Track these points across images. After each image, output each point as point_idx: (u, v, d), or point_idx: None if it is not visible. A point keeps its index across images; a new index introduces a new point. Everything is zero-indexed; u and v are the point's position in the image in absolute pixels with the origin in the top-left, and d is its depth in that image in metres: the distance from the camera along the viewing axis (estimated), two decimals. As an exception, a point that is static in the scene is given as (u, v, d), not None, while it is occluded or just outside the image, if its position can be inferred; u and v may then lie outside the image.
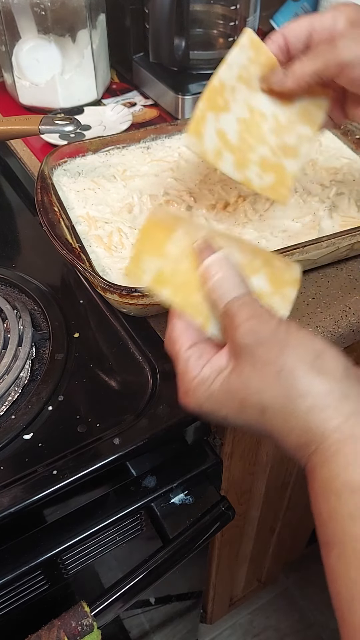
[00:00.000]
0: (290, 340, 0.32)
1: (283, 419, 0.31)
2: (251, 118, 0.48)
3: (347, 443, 0.30)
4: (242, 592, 1.07)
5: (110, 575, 0.57)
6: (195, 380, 0.34)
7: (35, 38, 0.78)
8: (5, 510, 0.40)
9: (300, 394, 0.31)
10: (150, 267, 0.37)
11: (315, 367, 0.31)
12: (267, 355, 0.32)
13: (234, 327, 0.33)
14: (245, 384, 0.32)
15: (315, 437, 0.31)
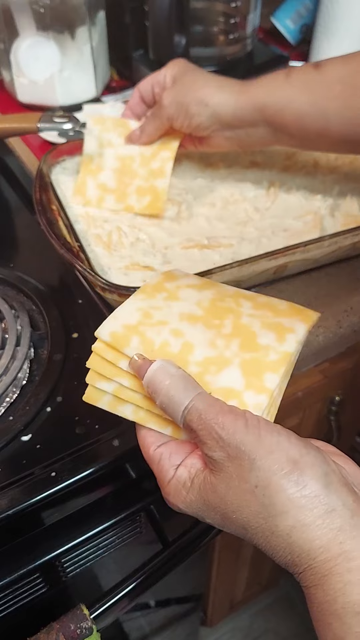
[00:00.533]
0: (260, 449, 0.29)
1: (265, 538, 0.29)
2: (122, 164, 0.61)
3: (338, 561, 0.27)
4: (242, 595, 1.06)
5: (110, 578, 0.57)
6: (171, 484, 0.32)
7: (34, 35, 0.77)
8: (3, 512, 0.40)
9: (278, 512, 0.28)
10: (108, 388, 0.36)
11: (292, 479, 0.28)
12: (239, 470, 0.29)
13: (200, 442, 0.31)
14: (223, 500, 0.30)
15: (302, 558, 0.28)
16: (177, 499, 0.32)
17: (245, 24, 0.81)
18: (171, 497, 0.32)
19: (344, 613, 0.27)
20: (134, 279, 0.52)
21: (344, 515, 0.28)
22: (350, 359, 0.64)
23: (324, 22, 0.86)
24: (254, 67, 0.84)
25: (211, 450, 0.30)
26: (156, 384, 0.32)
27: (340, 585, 0.27)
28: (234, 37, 0.81)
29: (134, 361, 0.34)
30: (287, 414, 0.61)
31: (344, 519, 0.28)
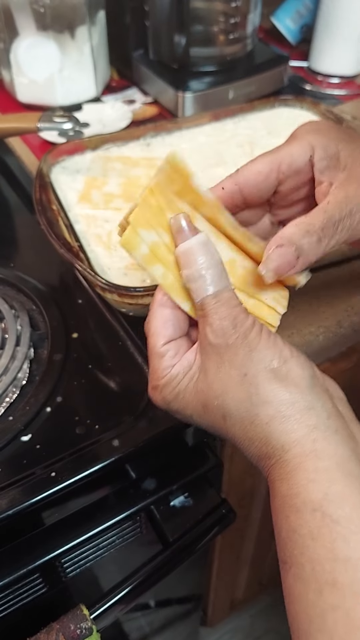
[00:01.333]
0: (258, 344, 0.31)
1: (243, 427, 0.30)
2: (127, 180, 0.55)
3: (308, 458, 0.28)
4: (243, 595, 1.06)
5: (110, 578, 0.57)
6: (165, 378, 0.33)
7: (34, 35, 0.77)
8: (3, 512, 0.39)
9: (262, 401, 0.30)
10: (147, 239, 0.33)
11: (280, 374, 0.30)
12: (233, 358, 0.30)
13: (207, 324, 0.32)
14: (209, 385, 0.31)
15: (276, 449, 0.29)
16: (166, 391, 0.33)
17: (245, 23, 0.81)
18: (159, 390, 0.33)
19: (303, 508, 0.27)
20: (134, 279, 0.52)
21: (321, 415, 0.29)
22: (350, 358, 0.64)
23: (324, 22, 0.86)
24: (254, 66, 0.84)
25: (214, 335, 0.31)
26: (192, 256, 0.32)
27: (304, 482, 0.28)
28: (234, 37, 0.81)
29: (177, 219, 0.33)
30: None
31: (320, 418, 0.29)
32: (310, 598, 0.26)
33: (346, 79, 0.92)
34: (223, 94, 0.80)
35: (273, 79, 0.85)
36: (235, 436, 0.31)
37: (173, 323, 0.34)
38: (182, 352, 0.34)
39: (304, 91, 0.90)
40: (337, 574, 0.26)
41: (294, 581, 0.27)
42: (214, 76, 0.80)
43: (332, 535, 0.26)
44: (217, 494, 0.52)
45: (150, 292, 0.46)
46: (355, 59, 0.89)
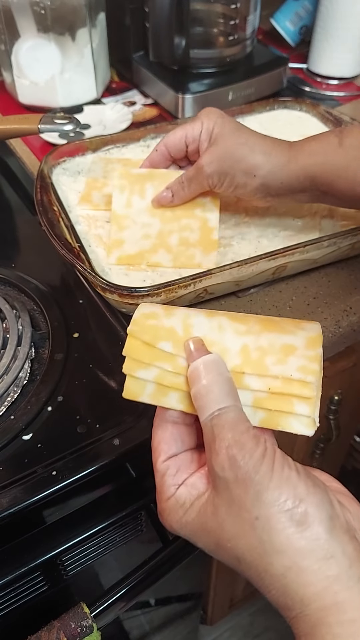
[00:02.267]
0: (270, 482, 0.28)
1: (258, 575, 0.28)
2: None
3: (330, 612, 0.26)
4: (242, 594, 1.06)
5: (110, 576, 0.57)
6: (170, 502, 0.31)
7: (35, 37, 0.77)
8: (5, 511, 0.40)
9: (276, 550, 0.27)
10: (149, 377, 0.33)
11: (295, 518, 0.27)
12: (243, 496, 0.28)
13: (214, 452, 0.29)
14: (220, 526, 0.29)
15: (295, 602, 0.27)
16: (172, 518, 0.31)
17: (244, 25, 0.81)
18: (166, 515, 0.31)
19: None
20: (135, 280, 0.52)
21: (342, 563, 0.27)
22: (349, 358, 0.65)
23: (323, 24, 0.86)
24: (254, 68, 0.84)
25: (221, 468, 0.29)
26: (203, 373, 0.31)
27: (329, 638, 0.26)
28: (233, 39, 0.81)
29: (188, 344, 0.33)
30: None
31: (341, 567, 0.27)
32: None
33: (345, 80, 0.92)
34: (223, 96, 0.81)
35: (272, 80, 0.85)
36: (252, 580, 0.29)
37: (174, 438, 0.33)
38: (184, 469, 0.32)
39: (303, 93, 0.90)
40: None
41: None
42: (214, 78, 0.81)
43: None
44: (217, 492, 0.52)
45: (150, 293, 0.46)
46: (354, 60, 0.89)
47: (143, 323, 0.34)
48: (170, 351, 0.33)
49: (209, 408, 0.30)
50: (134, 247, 0.54)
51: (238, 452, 0.28)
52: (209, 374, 0.31)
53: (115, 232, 0.55)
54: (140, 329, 0.34)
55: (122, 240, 0.55)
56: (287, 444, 0.69)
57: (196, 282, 0.48)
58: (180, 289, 0.47)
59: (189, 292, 0.49)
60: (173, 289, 0.47)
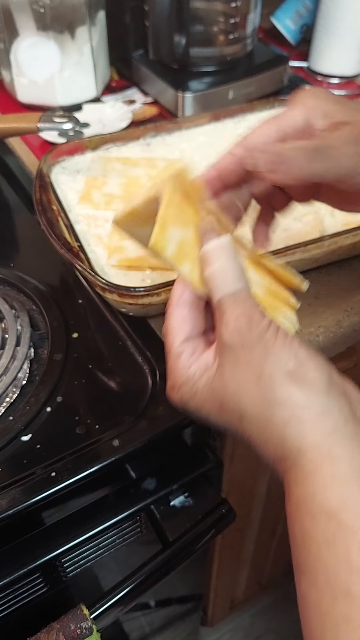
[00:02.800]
0: (274, 345, 0.30)
1: (258, 429, 0.30)
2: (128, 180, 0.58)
3: (324, 463, 0.28)
4: (243, 595, 1.06)
5: (110, 578, 0.57)
6: (182, 378, 0.33)
7: (34, 35, 0.77)
8: (4, 512, 0.40)
9: (277, 403, 0.29)
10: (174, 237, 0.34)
11: (296, 376, 0.30)
12: (249, 358, 0.30)
13: (223, 324, 0.32)
14: (225, 386, 0.31)
15: (291, 452, 0.29)
16: (183, 391, 0.33)
17: (245, 23, 0.81)
18: (177, 391, 0.34)
19: (317, 512, 0.27)
20: (134, 279, 0.52)
21: (338, 420, 0.29)
22: (350, 358, 0.64)
23: (324, 22, 0.86)
24: (254, 67, 0.84)
25: (229, 335, 0.31)
26: (215, 256, 0.33)
27: (320, 487, 0.28)
28: (234, 37, 0.81)
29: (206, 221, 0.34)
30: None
31: (337, 423, 0.29)
32: (324, 607, 0.26)
33: (346, 79, 0.92)
34: (223, 94, 0.80)
35: (273, 79, 0.85)
36: (252, 437, 0.31)
37: (190, 322, 0.34)
38: (199, 352, 0.34)
39: (303, 91, 0.90)
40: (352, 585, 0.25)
41: (308, 588, 0.27)
42: (214, 76, 0.81)
43: (347, 544, 0.26)
44: (217, 493, 0.52)
45: (150, 292, 0.46)
46: (355, 59, 0.89)
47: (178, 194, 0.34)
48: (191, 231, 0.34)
49: (221, 289, 0.32)
50: (135, 252, 0.54)
51: (246, 322, 0.31)
52: (221, 258, 0.33)
53: (117, 240, 0.55)
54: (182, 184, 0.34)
55: (123, 247, 0.54)
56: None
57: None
58: (180, 288, 0.47)
59: (189, 291, 0.48)
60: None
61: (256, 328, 0.31)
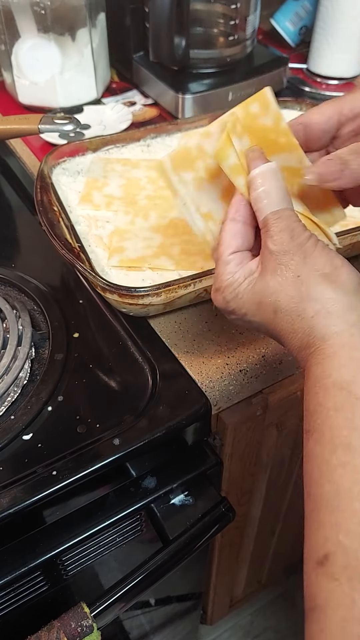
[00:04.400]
0: (314, 252, 0.34)
1: (290, 320, 0.34)
2: (128, 182, 0.61)
3: (344, 348, 0.32)
4: (242, 594, 1.06)
5: (110, 576, 0.57)
6: (227, 281, 0.37)
7: (35, 37, 0.77)
8: (5, 510, 0.40)
9: (310, 298, 0.33)
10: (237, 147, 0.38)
11: (330, 278, 0.34)
12: (289, 261, 0.34)
13: (268, 236, 0.35)
14: (265, 285, 0.35)
15: (316, 339, 0.33)
16: (227, 292, 0.37)
17: (245, 25, 0.81)
18: (220, 291, 0.38)
19: (331, 385, 0.31)
20: (134, 279, 0.53)
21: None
22: None
23: (323, 24, 0.86)
24: (254, 68, 0.84)
25: (273, 244, 0.35)
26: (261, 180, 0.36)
27: (337, 366, 0.31)
28: (233, 39, 0.81)
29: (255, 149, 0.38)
30: (287, 413, 0.61)
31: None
32: (325, 456, 0.30)
33: (345, 80, 0.92)
34: (223, 96, 0.81)
35: (272, 80, 0.85)
36: (282, 329, 0.35)
37: (241, 236, 0.38)
38: (245, 262, 0.37)
39: (303, 93, 0.90)
40: (352, 439, 0.29)
41: (314, 445, 0.31)
42: (214, 78, 0.81)
43: (353, 409, 0.30)
44: (217, 492, 0.52)
45: (150, 293, 0.46)
46: (354, 61, 0.89)
47: None
48: None
49: (267, 209, 0.36)
50: (135, 254, 0.54)
51: (290, 232, 0.35)
52: (267, 181, 0.36)
53: (117, 241, 0.55)
54: None
55: (124, 248, 0.55)
56: (289, 442, 0.69)
57: (196, 282, 0.48)
58: (180, 289, 0.47)
59: (189, 292, 0.49)
60: (173, 289, 0.47)
61: (298, 238, 0.35)
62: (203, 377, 0.49)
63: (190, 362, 0.50)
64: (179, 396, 0.47)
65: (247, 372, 0.51)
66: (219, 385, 0.49)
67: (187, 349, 0.51)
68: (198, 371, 0.50)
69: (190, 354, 0.51)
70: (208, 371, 0.50)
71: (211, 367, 0.50)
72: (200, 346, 0.52)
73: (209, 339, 0.52)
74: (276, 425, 0.63)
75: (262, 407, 0.56)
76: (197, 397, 0.47)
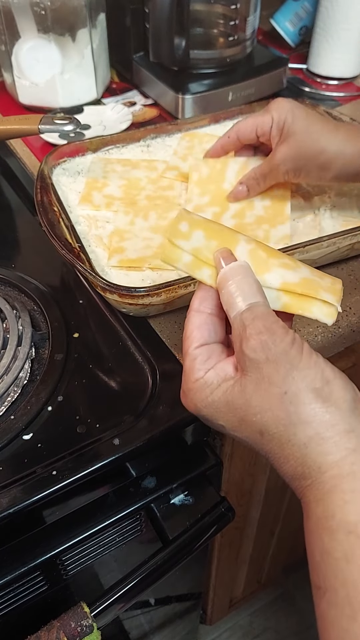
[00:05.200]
0: (300, 363, 0.30)
1: (280, 445, 0.30)
2: (128, 182, 0.63)
3: (345, 480, 0.28)
4: (242, 594, 1.07)
5: (110, 576, 0.57)
6: (198, 383, 0.33)
7: (35, 37, 0.77)
8: (5, 510, 0.40)
9: (301, 421, 0.29)
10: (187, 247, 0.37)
11: (321, 395, 0.30)
12: (274, 374, 0.30)
13: (245, 338, 0.31)
14: (247, 402, 0.31)
15: (312, 470, 0.29)
16: (198, 397, 0.33)
17: (244, 26, 0.81)
18: (192, 395, 0.33)
19: (337, 529, 0.27)
20: (134, 279, 0.53)
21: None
22: (348, 359, 0.65)
23: (323, 24, 0.87)
24: (254, 69, 0.84)
25: (252, 350, 0.31)
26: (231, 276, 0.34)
27: (341, 503, 0.27)
28: (233, 39, 0.81)
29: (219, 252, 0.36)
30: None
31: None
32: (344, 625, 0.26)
33: (345, 80, 0.92)
34: (223, 96, 0.81)
35: (272, 81, 0.85)
36: (272, 452, 0.31)
37: (207, 328, 0.35)
38: (215, 357, 0.34)
39: (303, 93, 0.90)
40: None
41: (328, 607, 0.27)
42: (214, 78, 0.81)
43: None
44: (217, 492, 0.52)
45: (150, 293, 0.46)
46: (354, 61, 0.90)
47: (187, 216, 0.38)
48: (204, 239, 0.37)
49: (238, 305, 0.33)
50: (135, 254, 0.54)
51: (269, 337, 0.31)
52: (236, 276, 0.34)
53: (117, 241, 0.56)
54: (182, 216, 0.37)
55: (124, 248, 0.55)
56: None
57: (196, 282, 0.48)
58: (180, 289, 0.47)
59: (189, 292, 0.49)
60: (173, 289, 0.47)
61: (280, 343, 0.31)
62: (203, 377, 0.49)
63: (190, 362, 0.50)
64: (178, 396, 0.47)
65: (246, 372, 0.50)
66: (219, 385, 0.49)
67: (187, 349, 0.51)
68: (198, 371, 0.50)
69: (190, 354, 0.51)
70: (208, 371, 0.50)
71: (211, 367, 0.50)
72: (200, 346, 0.52)
73: (209, 339, 0.52)
74: (276, 425, 0.63)
75: (262, 407, 0.56)
76: (197, 397, 0.47)
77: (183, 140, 0.68)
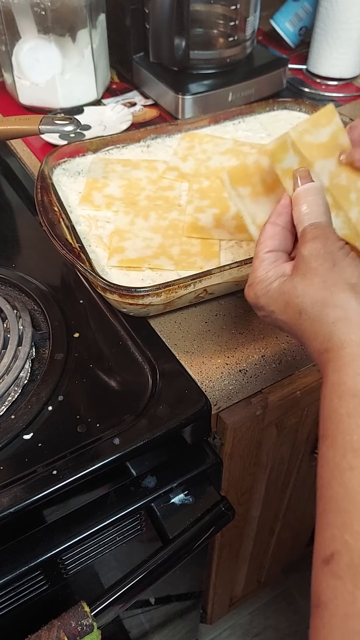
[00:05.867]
0: (343, 261, 0.37)
1: (312, 323, 0.36)
2: (128, 182, 0.62)
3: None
4: (242, 593, 1.07)
5: (110, 575, 0.57)
6: (260, 277, 0.40)
7: (35, 38, 0.78)
8: (5, 510, 0.40)
9: (334, 304, 0.35)
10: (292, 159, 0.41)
11: (355, 289, 0.35)
12: (318, 267, 0.36)
13: (303, 242, 0.38)
14: (294, 287, 0.37)
15: (335, 345, 0.34)
16: (258, 287, 0.40)
17: (244, 26, 0.81)
18: (254, 286, 0.40)
19: (346, 394, 0.32)
20: (134, 279, 0.53)
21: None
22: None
23: (323, 25, 0.87)
24: (254, 69, 0.84)
25: (307, 250, 0.37)
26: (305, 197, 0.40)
27: (352, 374, 0.33)
28: (233, 40, 0.82)
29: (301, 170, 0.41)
30: (286, 413, 0.61)
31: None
32: (336, 460, 0.31)
33: (344, 81, 0.92)
34: (223, 97, 0.81)
35: (272, 81, 0.85)
36: (305, 330, 0.36)
37: (279, 238, 0.41)
38: (280, 262, 0.40)
39: (302, 93, 0.90)
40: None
41: (327, 449, 0.32)
42: (214, 79, 0.81)
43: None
44: (217, 491, 0.52)
45: (150, 293, 0.47)
46: (354, 61, 0.90)
47: None
48: None
49: (306, 221, 0.39)
50: (135, 254, 0.54)
51: (324, 240, 0.37)
52: (309, 197, 0.40)
53: (117, 241, 0.56)
54: None
55: (124, 248, 0.55)
56: (288, 442, 0.69)
57: (196, 282, 0.48)
58: (180, 289, 0.48)
59: (189, 292, 0.49)
60: (173, 289, 0.47)
61: (330, 246, 0.37)
62: (203, 376, 0.49)
63: (190, 362, 0.50)
64: (178, 396, 0.47)
65: (246, 372, 0.51)
66: (219, 385, 0.49)
67: (187, 349, 0.52)
68: (198, 371, 0.50)
69: (190, 354, 0.51)
70: (208, 371, 0.50)
71: (211, 367, 0.50)
72: (200, 346, 0.52)
73: (209, 339, 0.53)
74: (276, 424, 0.63)
75: (262, 406, 0.56)
76: (197, 396, 0.47)
77: (183, 141, 0.68)
